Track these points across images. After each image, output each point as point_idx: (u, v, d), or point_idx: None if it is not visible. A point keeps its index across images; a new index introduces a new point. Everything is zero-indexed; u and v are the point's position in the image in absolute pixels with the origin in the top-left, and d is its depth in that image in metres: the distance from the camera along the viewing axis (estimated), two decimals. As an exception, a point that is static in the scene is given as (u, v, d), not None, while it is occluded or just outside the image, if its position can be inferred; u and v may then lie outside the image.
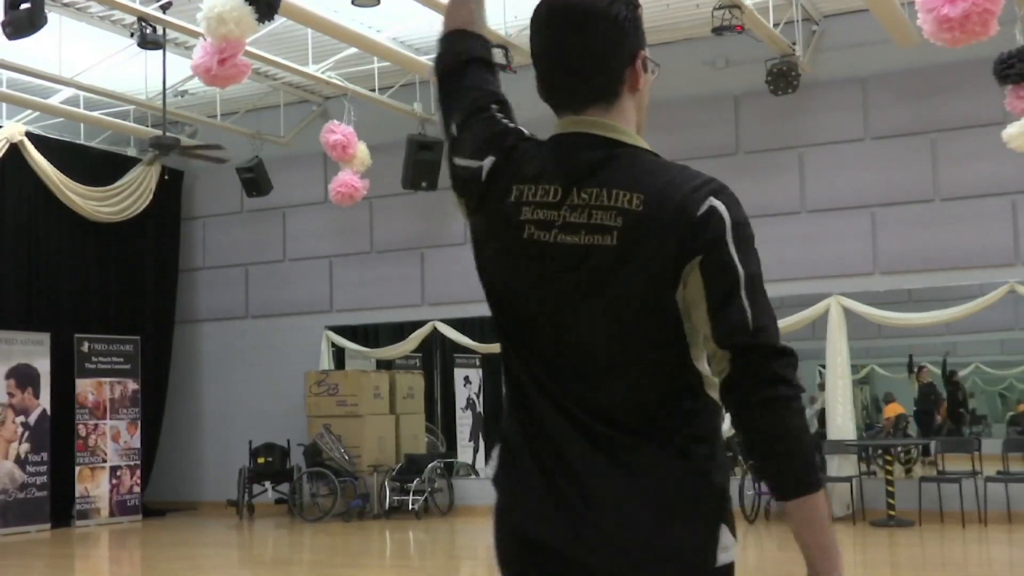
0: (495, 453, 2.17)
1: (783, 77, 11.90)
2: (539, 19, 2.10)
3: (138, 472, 15.03)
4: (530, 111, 2.61)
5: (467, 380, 16.67)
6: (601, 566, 1.98)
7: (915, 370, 18.09)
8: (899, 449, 12.94)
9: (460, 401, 16.45)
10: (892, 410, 17.34)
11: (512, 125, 2.19)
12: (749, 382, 1.90)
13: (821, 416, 18.47)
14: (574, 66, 2.05)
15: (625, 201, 1.95)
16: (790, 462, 1.89)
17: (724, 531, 2.00)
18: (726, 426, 2.13)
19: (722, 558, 2.00)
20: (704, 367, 2.02)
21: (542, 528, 2.03)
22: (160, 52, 11.02)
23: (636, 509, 1.97)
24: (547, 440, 2.04)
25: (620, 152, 2.03)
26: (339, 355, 15.85)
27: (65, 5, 11.51)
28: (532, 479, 2.05)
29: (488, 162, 2.11)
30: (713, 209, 1.93)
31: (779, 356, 1.91)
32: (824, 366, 13.53)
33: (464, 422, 16.41)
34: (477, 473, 16.06)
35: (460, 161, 2.17)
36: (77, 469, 14.33)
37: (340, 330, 15.63)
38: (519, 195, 2.04)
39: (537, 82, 2.13)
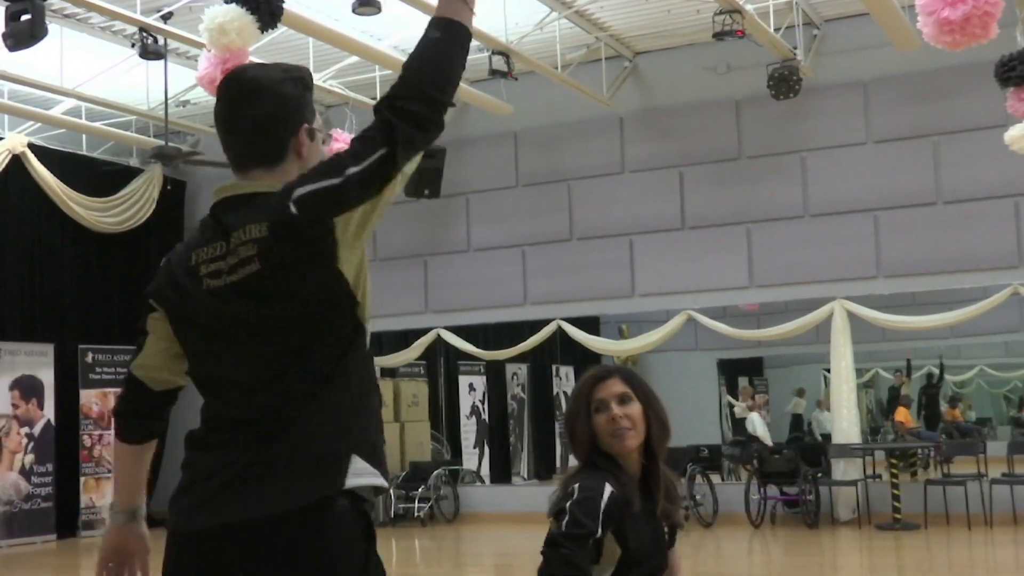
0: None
1: (784, 81, 11.90)
2: (220, 88, 2.44)
3: (143, 482, 15.01)
4: (532, 116, 2.61)
5: (471, 387, 16.67)
6: None
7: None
8: (898, 452, 12.91)
9: (465, 408, 16.45)
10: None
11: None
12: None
13: (796, 421, 18.52)
14: (243, 132, 2.39)
15: (256, 232, 2.30)
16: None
17: None
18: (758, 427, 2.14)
19: None
20: None
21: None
22: (161, 62, 11.01)
23: None
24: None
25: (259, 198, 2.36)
26: (342, 363, 15.83)
27: (66, 16, 11.52)
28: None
29: (164, 262, 2.49)
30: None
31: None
32: (828, 370, 13.52)
33: (469, 429, 16.41)
34: (483, 480, 16.05)
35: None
36: (82, 480, 14.33)
37: (343, 338, 15.60)
38: (196, 258, 2.39)
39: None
